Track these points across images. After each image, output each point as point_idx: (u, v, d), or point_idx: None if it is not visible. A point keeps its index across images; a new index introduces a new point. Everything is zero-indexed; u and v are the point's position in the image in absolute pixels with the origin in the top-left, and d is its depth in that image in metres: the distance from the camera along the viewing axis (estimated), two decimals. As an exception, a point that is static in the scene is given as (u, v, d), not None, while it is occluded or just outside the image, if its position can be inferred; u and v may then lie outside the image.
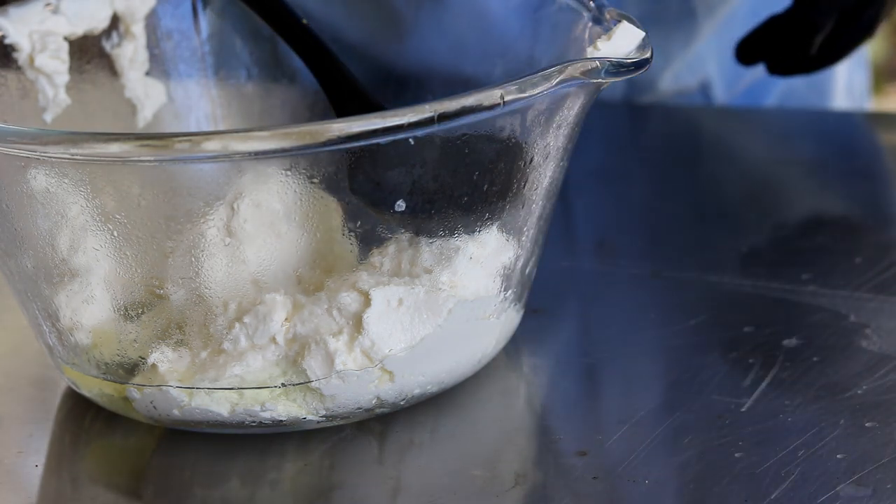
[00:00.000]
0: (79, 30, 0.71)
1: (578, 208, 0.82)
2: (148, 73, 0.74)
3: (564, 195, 0.71)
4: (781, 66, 0.86)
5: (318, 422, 0.61)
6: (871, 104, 1.10)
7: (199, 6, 0.76)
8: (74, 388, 0.64)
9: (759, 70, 0.98)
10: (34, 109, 0.69)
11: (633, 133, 0.94)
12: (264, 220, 0.58)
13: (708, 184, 0.85)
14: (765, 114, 0.97)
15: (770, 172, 0.86)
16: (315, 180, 0.57)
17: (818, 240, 0.77)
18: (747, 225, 0.79)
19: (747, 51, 0.86)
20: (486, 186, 0.59)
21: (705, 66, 0.96)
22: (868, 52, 1.08)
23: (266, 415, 0.60)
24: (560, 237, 0.76)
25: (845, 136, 0.92)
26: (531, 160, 0.59)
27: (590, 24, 0.64)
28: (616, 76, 0.58)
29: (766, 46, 0.86)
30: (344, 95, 0.70)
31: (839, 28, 0.83)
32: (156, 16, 0.75)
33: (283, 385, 0.60)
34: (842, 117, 0.98)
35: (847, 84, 1.03)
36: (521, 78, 0.56)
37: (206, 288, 0.59)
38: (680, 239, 0.78)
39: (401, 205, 0.58)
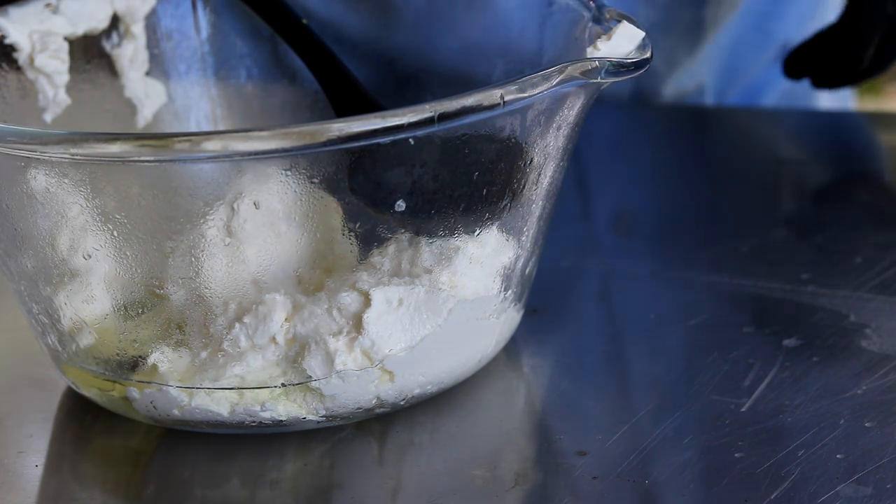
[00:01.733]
0: (79, 30, 0.71)
1: (578, 207, 0.82)
2: (148, 73, 0.74)
3: (565, 194, 0.71)
4: (828, 80, 0.87)
5: (318, 422, 0.61)
6: (855, 104, 1.10)
7: (199, 6, 0.76)
8: (74, 388, 0.64)
9: (751, 75, 0.98)
10: (34, 109, 0.69)
11: (635, 134, 0.94)
12: (264, 220, 0.58)
13: (708, 184, 0.85)
14: (766, 114, 0.97)
15: (770, 172, 0.86)
16: (315, 180, 0.57)
17: (818, 240, 0.77)
18: (747, 225, 0.79)
19: (795, 65, 0.87)
20: (486, 186, 0.59)
21: (701, 71, 0.97)
22: None
23: (266, 415, 0.60)
24: (560, 236, 0.76)
25: (845, 136, 0.92)
26: (531, 160, 0.59)
27: (590, 24, 0.64)
28: (616, 76, 0.58)
29: (814, 61, 0.86)
30: (344, 95, 0.70)
31: (885, 39, 0.83)
32: (156, 16, 0.75)
33: (284, 385, 0.60)
34: (842, 117, 0.98)
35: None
36: (520, 78, 0.56)
37: (206, 288, 0.59)
38: (680, 239, 0.78)
39: (401, 205, 0.58)
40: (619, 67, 0.58)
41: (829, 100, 1.03)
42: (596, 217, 0.82)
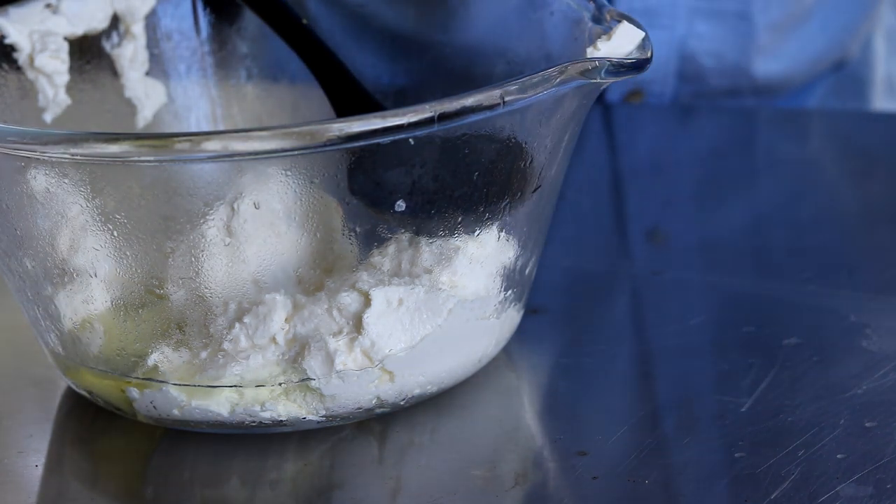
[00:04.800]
0: (79, 30, 0.71)
1: (578, 207, 0.82)
2: (148, 73, 0.74)
3: (567, 195, 0.71)
4: None
5: (318, 422, 0.61)
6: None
7: (199, 6, 0.76)
8: (74, 387, 0.64)
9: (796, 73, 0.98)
10: (34, 109, 0.69)
11: (635, 132, 0.94)
12: (264, 220, 0.58)
13: (708, 184, 0.85)
14: (767, 113, 0.97)
15: (770, 172, 0.86)
16: (315, 180, 0.58)
17: (818, 240, 0.77)
18: (747, 225, 0.79)
19: None
20: (486, 186, 0.59)
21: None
22: None
23: (266, 415, 0.60)
24: (562, 236, 0.76)
25: (845, 135, 0.92)
26: (531, 160, 0.59)
27: (590, 24, 0.64)
28: (616, 76, 0.58)
29: None
30: (344, 95, 0.70)
31: None
32: (156, 16, 0.75)
33: (283, 385, 0.60)
34: (842, 116, 0.98)
35: (886, 76, 1.03)
36: (520, 78, 0.56)
37: (206, 288, 0.59)
38: (680, 239, 0.78)
39: (401, 205, 0.58)
40: (619, 67, 0.58)
41: (885, 97, 1.03)
42: (595, 216, 0.82)
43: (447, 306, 0.60)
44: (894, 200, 0.83)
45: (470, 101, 0.55)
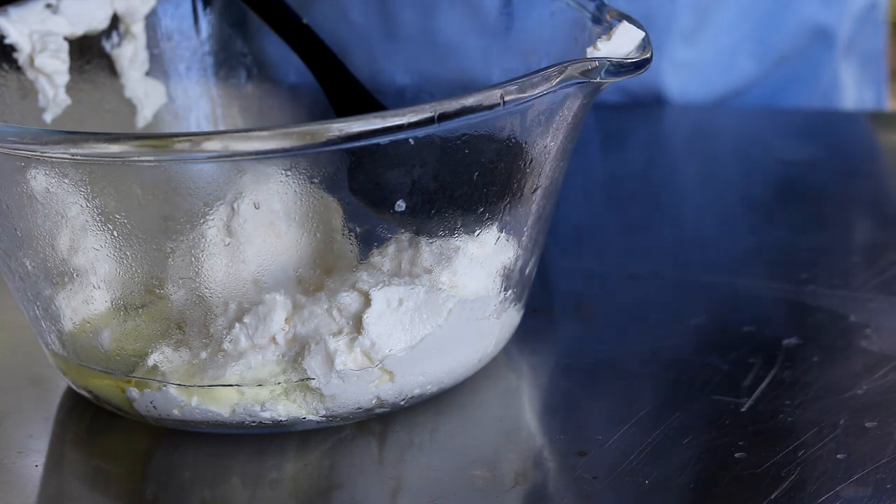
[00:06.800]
0: (79, 30, 0.71)
1: (579, 206, 0.82)
2: (148, 73, 0.74)
3: (565, 195, 0.71)
4: None
5: (318, 422, 0.61)
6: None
7: (199, 6, 0.76)
8: (74, 387, 0.64)
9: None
10: (34, 109, 0.70)
11: (635, 133, 0.94)
12: (264, 220, 0.58)
13: (709, 184, 0.85)
14: (766, 113, 0.97)
15: (770, 172, 0.86)
16: (315, 180, 0.58)
17: (818, 240, 0.77)
18: (747, 225, 0.79)
19: None
20: (486, 186, 0.59)
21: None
22: (885, 65, 1.05)
23: (266, 415, 0.60)
24: (561, 236, 0.76)
25: (845, 135, 0.92)
26: (531, 160, 0.59)
27: (590, 24, 0.64)
28: (616, 76, 0.58)
29: None
30: (344, 95, 0.70)
31: None
32: (156, 16, 0.75)
33: (283, 385, 0.60)
34: (842, 117, 0.98)
35: (857, 100, 1.02)
36: (520, 78, 0.56)
37: (207, 288, 0.59)
38: (680, 239, 0.78)
39: (401, 205, 0.58)
40: (619, 67, 0.58)
41: (855, 99, 1.02)
42: (597, 216, 0.82)
43: (447, 306, 0.60)
44: (893, 200, 0.83)
45: (470, 100, 0.55)
